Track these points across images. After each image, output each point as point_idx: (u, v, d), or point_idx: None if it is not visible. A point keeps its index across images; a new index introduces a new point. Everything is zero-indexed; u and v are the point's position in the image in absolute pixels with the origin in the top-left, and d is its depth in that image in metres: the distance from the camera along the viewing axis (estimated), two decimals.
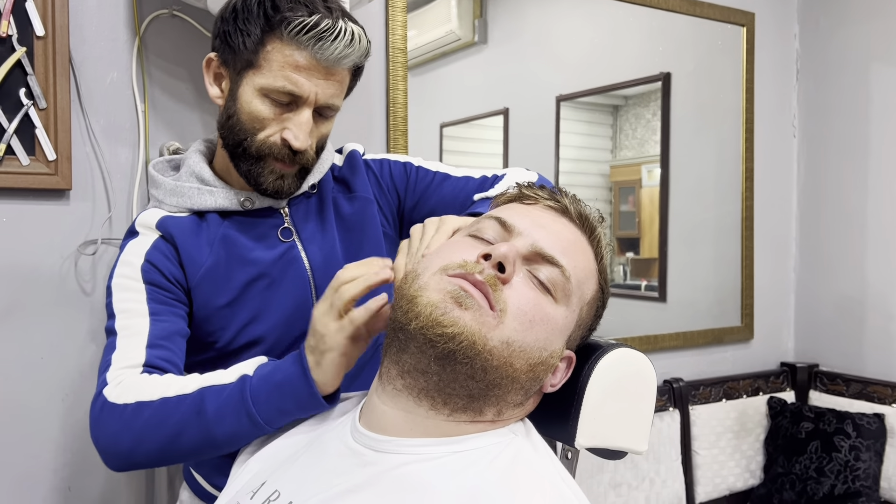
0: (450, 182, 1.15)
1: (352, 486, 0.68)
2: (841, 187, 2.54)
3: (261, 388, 0.82)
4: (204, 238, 1.02)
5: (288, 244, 1.06)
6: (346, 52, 0.97)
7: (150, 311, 0.95)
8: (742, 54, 2.49)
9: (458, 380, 0.69)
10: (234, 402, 0.82)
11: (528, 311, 0.70)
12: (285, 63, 0.95)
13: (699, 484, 2.30)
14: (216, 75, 1.04)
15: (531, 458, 0.70)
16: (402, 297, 0.72)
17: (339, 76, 1.00)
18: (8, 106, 1.34)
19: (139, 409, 0.84)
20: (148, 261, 0.98)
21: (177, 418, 0.83)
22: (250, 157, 1.00)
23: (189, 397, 0.84)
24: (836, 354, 2.53)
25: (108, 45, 1.45)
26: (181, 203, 1.03)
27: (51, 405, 1.43)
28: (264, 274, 1.03)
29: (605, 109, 2.33)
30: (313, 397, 0.80)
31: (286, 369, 0.82)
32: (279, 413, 0.82)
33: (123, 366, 0.90)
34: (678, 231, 2.38)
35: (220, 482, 1.06)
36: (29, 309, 1.40)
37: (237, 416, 0.81)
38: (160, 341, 0.93)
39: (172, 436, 0.83)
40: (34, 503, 1.42)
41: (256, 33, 0.95)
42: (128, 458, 0.86)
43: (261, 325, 1.02)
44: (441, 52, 1.97)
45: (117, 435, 0.85)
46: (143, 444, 0.84)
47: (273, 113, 0.98)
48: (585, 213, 0.79)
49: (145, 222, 1.03)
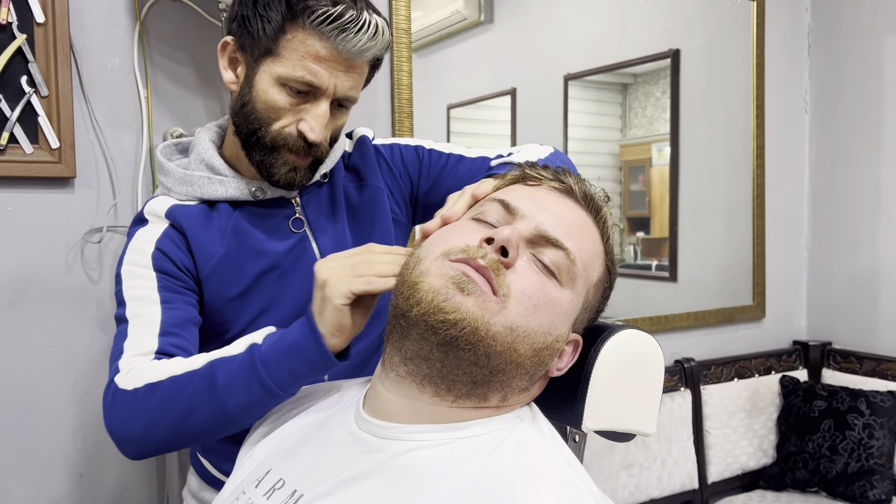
0: (465, 163, 1.13)
1: (357, 474, 0.67)
2: (854, 163, 2.50)
3: (271, 353, 0.80)
4: (215, 228, 1.00)
5: (299, 235, 1.04)
6: (369, 45, 0.94)
7: (162, 298, 0.93)
8: (752, 29, 2.45)
9: (462, 366, 0.68)
10: (244, 370, 0.80)
11: (532, 295, 0.69)
12: (306, 53, 0.92)
13: (711, 464, 2.29)
14: (231, 60, 1.00)
15: (537, 444, 0.69)
16: (403, 282, 0.71)
17: (359, 68, 0.97)
18: (10, 94, 1.34)
19: (149, 392, 0.83)
20: (158, 249, 0.97)
21: (188, 395, 0.81)
22: (264, 148, 0.98)
23: (198, 372, 0.82)
24: (850, 332, 2.51)
25: (108, 31, 1.44)
26: (191, 192, 1.01)
27: (60, 393, 1.44)
28: (276, 265, 1.02)
29: (614, 88, 2.30)
30: (324, 355, 0.78)
31: (294, 331, 0.80)
32: (291, 376, 0.80)
33: (135, 353, 0.88)
34: (689, 210, 2.35)
35: (228, 468, 1.06)
36: (36, 298, 1.41)
37: (249, 385, 0.80)
38: (172, 329, 0.91)
39: (185, 413, 0.82)
40: (46, 490, 1.43)
41: (277, 20, 0.92)
42: (142, 443, 0.85)
43: (272, 316, 1.01)
44: (447, 33, 1.95)
45: (129, 420, 0.84)
46: (156, 426, 0.83)
47: (290, 103, 0.95)
48: (591, 193, 0.77)
49: (154, 210, 1.01)
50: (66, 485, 1.45)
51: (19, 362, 1.40)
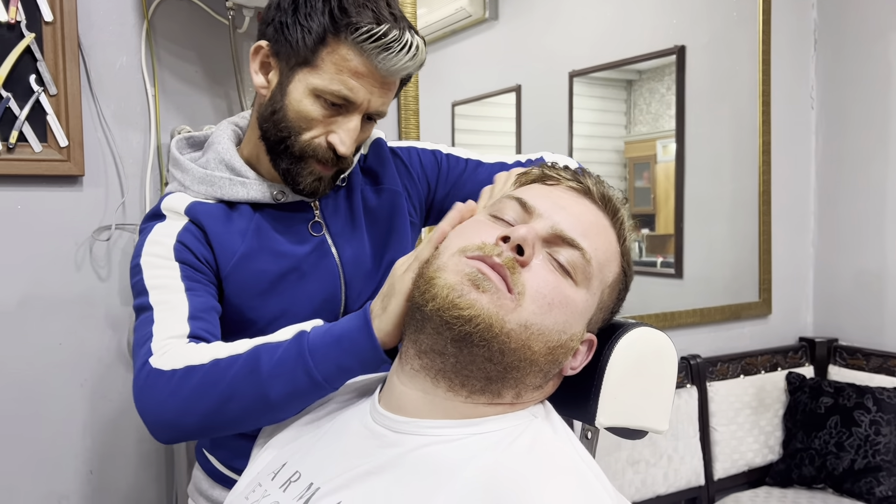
0: (484, 169, 1.14)
1: (372, 468, 0.68)
2: (860, 160, 2.50)
3: (319, 343, 0.78)
4: (235, 227, 1.00)
5: (318, 239, 1.04)
6: (407, 65, 0.94)
7: (186, 286, 0.93)
8: (758, 25, 2.45)
9: (476, 362, 0.68)
10: (290, 358, 0.78)
11: (547, 294, 0.69)
12: (345, 67, 0.91)
13: (717, 460, 2.29)
14: (263, 64, 0.99)
15: (551, 440, 0.70)
16: (420, 277, 0.72)
17: (393, 85, 0.97)
18: (19, 92, 1.34)
19: (188, 374, 0.81)
20: (180, 241, 0.96)
21: (228, 379, 0.80)
22: (292, 156, 0.97)
23: (242, 357, 0.81)
24: (856, 329, 2.51)
25: (116, 30, 1.44)
26: (210, 192, 1.00)
27: (70, 390, 1.44)
28: (296, 268, 1.02)
29: (619, 84, 2.30)
30: (374, 350, 0.76)
31: (347, 322, 0.79)
32: (338, 369, 0.78)
33: (168, 336, 0.87)
34: (694, 206, 2.35)
35: (239, 464, 1.06)
36: (46, 296, 1.41)
37: (294, 374, 0.78)
38: (201, 313, 0.91)
39: (223, 399, 0.80)
40: (56, 487, 1.44)
41: (318, 31, 0.91)
42: (175, 426, 0.83)
43: (291, 318, 0.99)
44: (451, 30, 1.94)
45: (164, 402, 0.82)
46: (191, 409, 0.81)
47: (322, 115, 0.94)
48: (608, 194, 0.78)
49: (172, 207, 1.00)
50: (75, 482, 1.46)
51: (29, 360, 1.40)
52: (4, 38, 1.32)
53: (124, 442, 1.50)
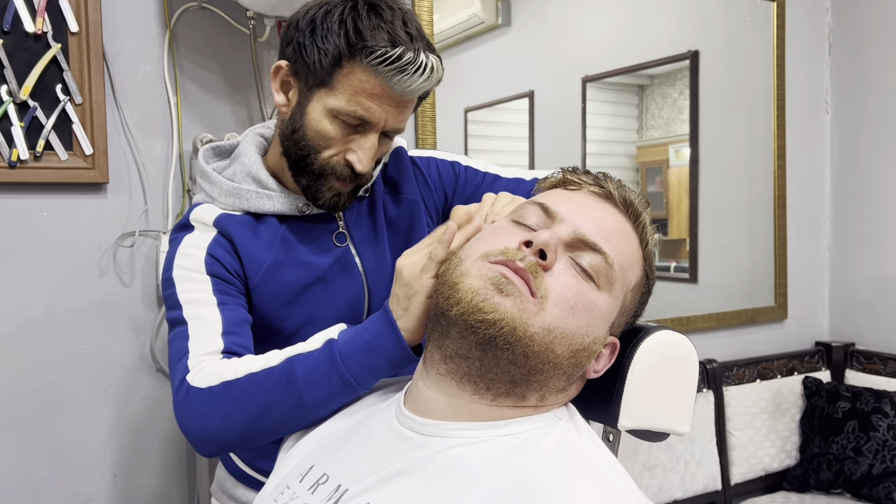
0: (500, 183, 1.15)
1: (399, 470, 0.69)
2: (876, 163, 2.49)
3: (349, 348, 0.81)
4: (263, 239, 1.02)
5: (342, 249, 1.06)
6: (423, 86, 0.95)
7: (218, 301, 0.95)
8: (772, 29, 2.45)
9: (500, 365, 0.69)
10: (323, 365, 0.82)
11: (570, 297, 0.70)
12: (360, 89, 0.93)
13: (734, 465, 2.29)
14: (283, 83, 1.00)
15: (576, 442, 0.71)
16: (444, 282, 0.73)
17: (408, 104, 0.98)
18: (45, 102, 1.37)
19: (226, 389, 0.84)
20: (210, 254, 0.98)
21: (266, 391, 0.83)
22: (312, 174, 0.99)
23: (276, 369, 0.84)
24: (873, 333, 2.49)
25: (139, 40, 1.47)
26: (237, 205, 1.02)
27: (95, 394, 1.47)
28: (321, 278, 1.03)
29: (631, 90, 2.31)
30: (403, 350, 0.80)
31: (372, 326, 0.82)
32: (370, 371, 0.82)
33: (203, 353, 0.90)
34: (708, 211, 2.35)
35: (261, 464, 1.09)
36: (70, 301, 1.43)
37: (329, 380, 0.81)
38: (233, 328, 0.93)
39: (263, 410, 0.83)
40: (81, 489, 1.46)
41: (334, 54, 0.92)
42: (217, 440, 0.86)
43: (317, 325, 1.00)
44: (465, 36, 1.96)
45: (205, 417, 0.85)
46: (232, 422, 0.84)
47: (340, 134, 0.96)
48: (630, 198, 0.78)
49: (201, 219, 1.02)
50: (100, 484, 1.48)
51: (55, 364, 1.43)
52: (32, 48, 1.35)
53: (148, 445, 1.52)
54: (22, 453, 1.41)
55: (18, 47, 1.34)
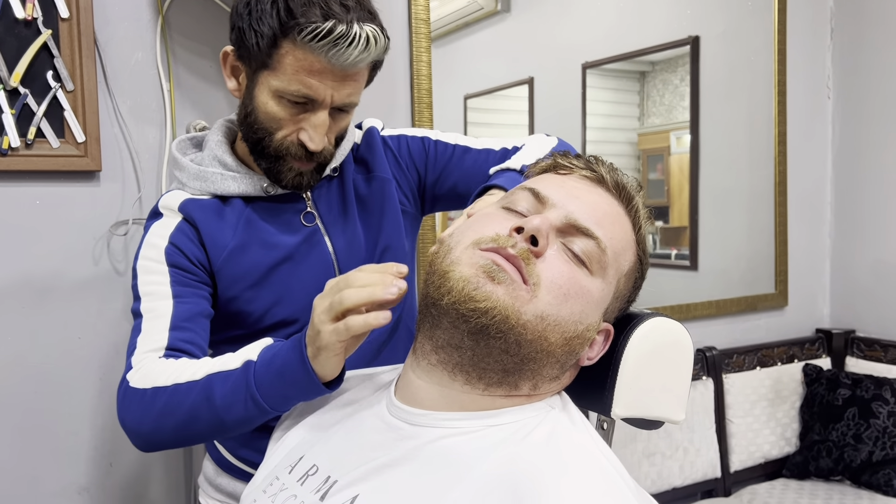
0: (470, 155, 1.14)
1: (390, 461, 0.68)
2: (878, 149, 2.47)
3: (263, 375, 0.81)
4: (227, 221, 1.03)
5: (311, 228, 1.06)
6: (362, 57, 0.94)
7: (174, 293, 0.96)
8: (774, 14, 2.42)
9: (493, 354, 0.68)
10: (240, 389, 0.82)
11: (563, 284, 0.69)
12: (300, 67, 0.93)
13: (734, 452, 2.28)
14: (233, 68, 1.02)
15: (569, 432, 0.70)
16: (434, 272, 0.71)
17: (355, 76, 0.97)
18: (36, 89, 1.35)
19: (155, 395, 0.86)
20: (172, 243, 0.99)
21: (188, 405, 0.84)
22: (269, 156, 1.00)
23: (198, 384, 0.84)
24: (874, 320, 2.48)
25: (131, 26, 1.45)
26: (204, 187, 1.04)
27: (89, 384, 1.46)
28: (288, 257, 1.04)
29: (632, 76, 2.29)
30: (313, 385, 0.78)
31: (285, 356, 0.80)
32: (283, 399, 0.81)
33: (147, 349, 0.92)
34: (709, 198, 2.34)
35: (245, 454, 1.09)
36: (65, 290, 1.43)
37: (244, 403, 0.82)
38: (183, 323, 0.94)
39: (187, 421, 0.85)
40: (77, 479, 1.46)
41: (270, 35, 0.93)
42: (150, 440, 0.89)
43: (286, 307, 1.03)
44: (464, 23, 1.94)
45: (139, 419, 0.88)
46: (161, 428, 0.86)
47: (289, 114, 0.97)
48: (622, 182, 0.77)
49: (168, 204, 1.03)
50: (95, 473, 1.47)
51: (49, 354, 1.42)
52: (22, 34, 1.33)
53: None
54: (16, 443, 1.40)
55: (8, 33, 1.32)
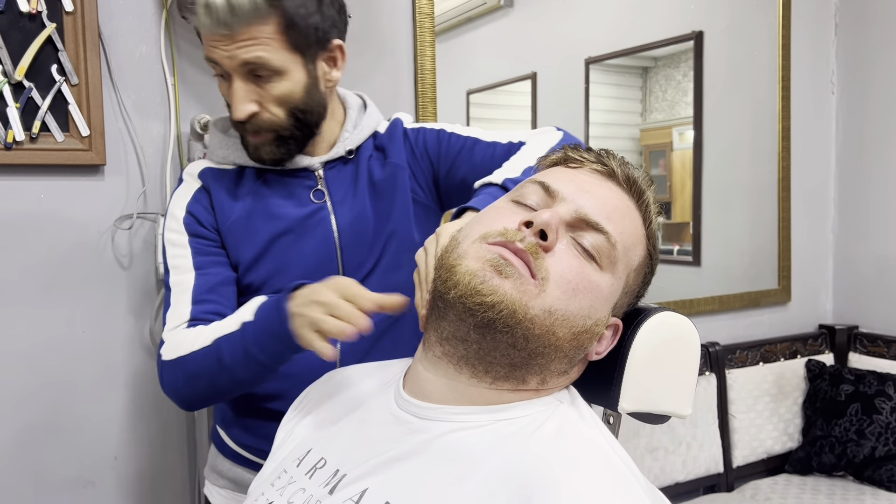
0: (479, 147, 1.15)
1: (399, 454, 0.68)
2: (881, 145, 2.46)
3: (261, 335, 0.90)
4: (239, 190, 1.08)
5: (318, 205, 1.09)
6: (228, 18, 0.95)
7: (195, 265, 1.04)
8: (777, 9, 2.41)
9: (499, 348, 0.68)
10: (241, 350, 0.91)
11: (572, 279, 0.68)
12: (204, 38, 1.00)
13: (736, 447, 2.28)
14: None
15: (577, 426, 0.69)
16: (441, 265, 0.71)
17: (246, 35, 0.97)
18: (41, 83, 1.35)
19: (180, 364, 0.96)
20: (189, 213, 1.06)
21: (206, 368, 0.94)
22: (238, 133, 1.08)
23: (209, 349, 0.94)
24: (877, 316, 2.48)
25: (136, 19, 1.45)
26: (227, 156, 1.10)
27: (95, 378, 1.46)
28: (290, 229, 1.07)
29: (635, 71, 2.28)
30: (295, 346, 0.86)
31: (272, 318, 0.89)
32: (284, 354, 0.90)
33: (174, 325, 1.00)
34: (712, 193, 2.33)
35: (248, 441, 1.11)
36: (69, 284, 1.43)
37: (248, 363, 0.91)
38: (204, 296, 1.02)
39: (210, 382, 0.95)
40: (83, 472, 1.46)
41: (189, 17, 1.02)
42: (189, 401, 1.01)
43: (285, 276, 1.06)
44: (466, 17, 1.93)
45: (176, 386, 0.98)
46: (194, 391, 0.97)
47: (225, 88, 1.03)
48: (633, 176, 0.76)
49: (191, 171, 1.11)
50: (101, 467, 1.48)
51: (54, 347, 1.42)
52: (26, 28, 1.33)
53: (148, 427, 1.52)
54: (22, 436, 1.41)
55: (13, 27, 1.32)
